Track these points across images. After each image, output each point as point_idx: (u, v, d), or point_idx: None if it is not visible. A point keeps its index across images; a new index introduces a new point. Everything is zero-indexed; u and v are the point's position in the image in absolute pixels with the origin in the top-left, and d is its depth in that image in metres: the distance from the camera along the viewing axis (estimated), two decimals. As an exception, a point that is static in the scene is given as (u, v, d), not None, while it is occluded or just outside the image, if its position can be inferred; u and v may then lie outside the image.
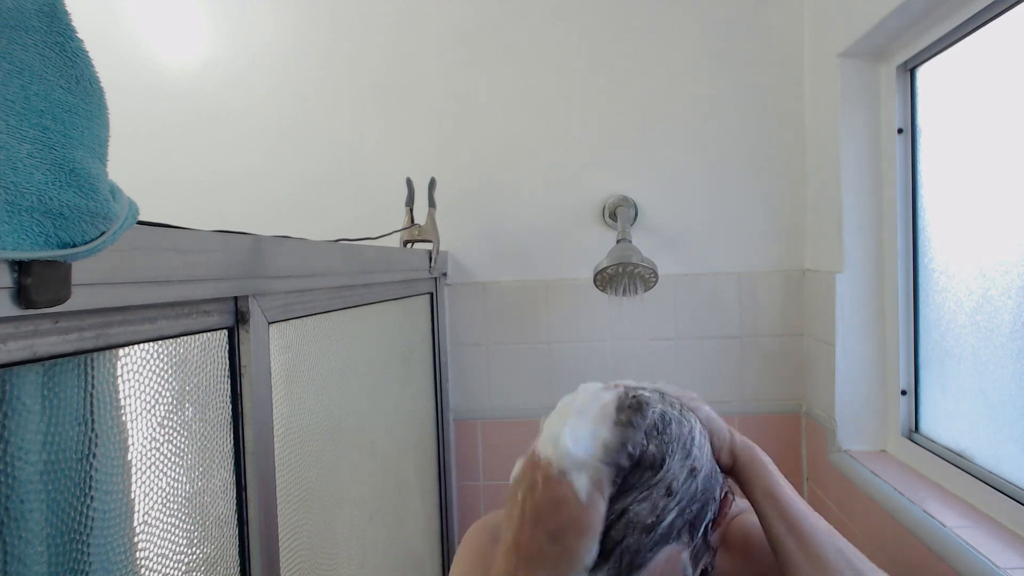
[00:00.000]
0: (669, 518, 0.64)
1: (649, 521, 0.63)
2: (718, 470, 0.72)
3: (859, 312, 1.33)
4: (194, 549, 0.59)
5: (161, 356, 0.54)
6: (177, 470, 0.56)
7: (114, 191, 0.41)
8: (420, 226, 1.44)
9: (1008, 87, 0.96)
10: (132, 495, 0.50)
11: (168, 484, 0.55)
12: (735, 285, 1.55)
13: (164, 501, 0.54)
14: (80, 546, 0.44)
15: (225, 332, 0.64)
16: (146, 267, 0.48)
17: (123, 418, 0.49)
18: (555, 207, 1.59)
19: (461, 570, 0.85)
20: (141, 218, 0.44)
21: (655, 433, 0.66)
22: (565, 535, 0.62)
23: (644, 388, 0.73)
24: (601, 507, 0.62)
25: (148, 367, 0.53)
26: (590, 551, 0.62)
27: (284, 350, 0.77)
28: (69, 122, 0.37)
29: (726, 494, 0.72)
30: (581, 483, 0.62)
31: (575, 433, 0.65)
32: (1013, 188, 0.94)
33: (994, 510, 0.97)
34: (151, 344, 0.53)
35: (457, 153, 1.60)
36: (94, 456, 0.46)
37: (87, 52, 0.39)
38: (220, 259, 0.59)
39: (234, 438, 0.65)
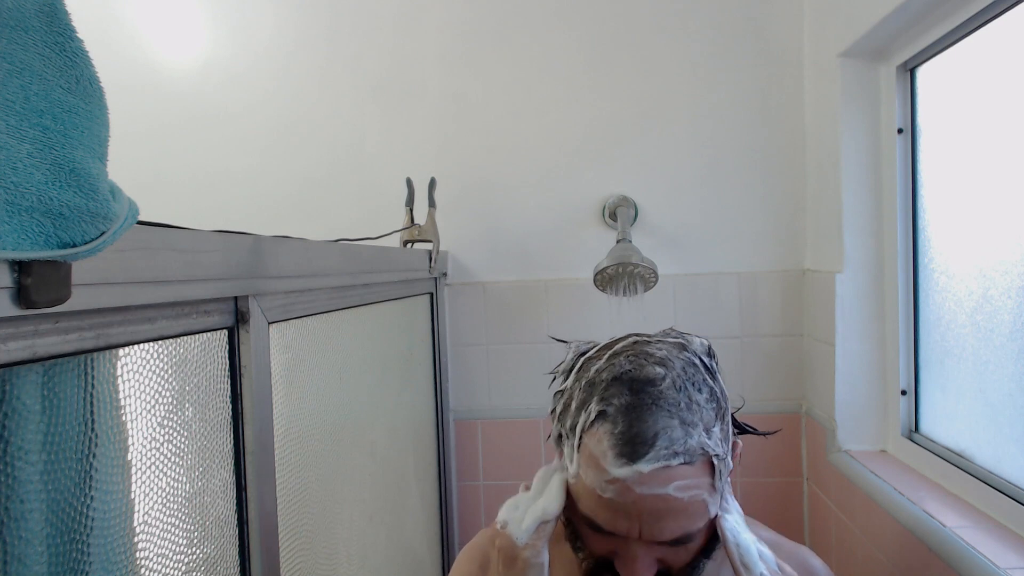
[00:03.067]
0: None
1: None
2: None
3: (859, 312, 1.33)
4: (194, 549, 0.59)
5: (161, 356, 0.54)
6: (177, 470, 0.56)
7: (114, 191, 0.41)
8: (420, 226, 1.44)
9: (1008, 87, 0.96)
10: (132, 495, 0.50)
11: (168, 484, 0.55)
12: (735, 285, 1.55)
13: (164, 501, 0.54)
14: (80, 546, 0.44)
15: (225, 332, 0.64)
16: (146, 267, 0.48)
17: (123, 418, 0.49)
18: (555, 207, 1.58)
19: None
20: (141, 218, 0.44)
21: None
22: None
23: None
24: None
25: (148, 367, 0.53)
26: None
27: (284, 350, 0.77)
28: (69, 122, 0.37)
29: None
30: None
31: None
32: (1013, 188, 0.94)
33: (994, 510, 0.97)
34: (151, 344, 0.53)
35: (457, 153, 1.60)
36: (94, 456, 0.46)
37: (87, 52, 0.39)
38: (220, 259, 0.59)
39: (234, 438, 0.65)
